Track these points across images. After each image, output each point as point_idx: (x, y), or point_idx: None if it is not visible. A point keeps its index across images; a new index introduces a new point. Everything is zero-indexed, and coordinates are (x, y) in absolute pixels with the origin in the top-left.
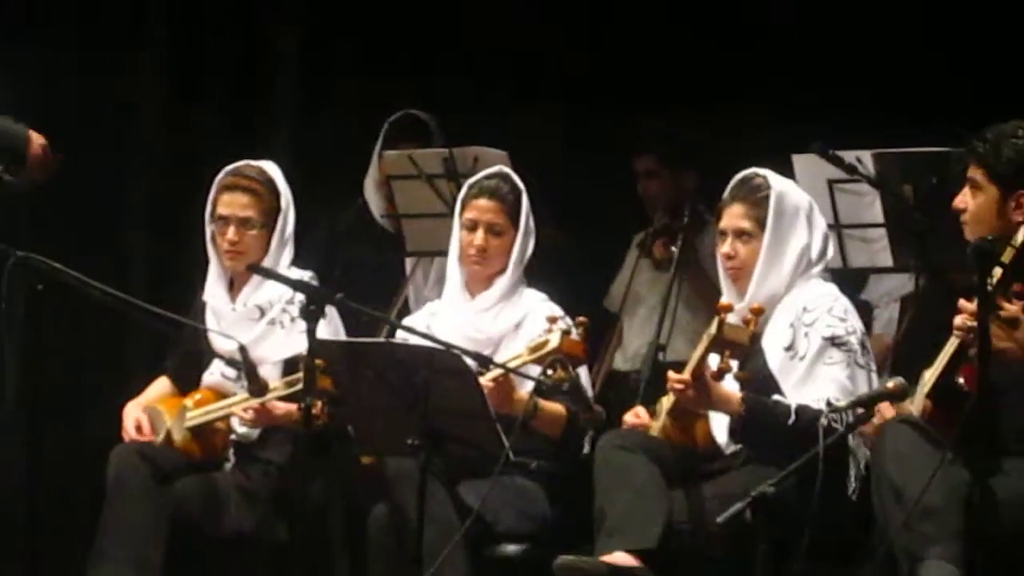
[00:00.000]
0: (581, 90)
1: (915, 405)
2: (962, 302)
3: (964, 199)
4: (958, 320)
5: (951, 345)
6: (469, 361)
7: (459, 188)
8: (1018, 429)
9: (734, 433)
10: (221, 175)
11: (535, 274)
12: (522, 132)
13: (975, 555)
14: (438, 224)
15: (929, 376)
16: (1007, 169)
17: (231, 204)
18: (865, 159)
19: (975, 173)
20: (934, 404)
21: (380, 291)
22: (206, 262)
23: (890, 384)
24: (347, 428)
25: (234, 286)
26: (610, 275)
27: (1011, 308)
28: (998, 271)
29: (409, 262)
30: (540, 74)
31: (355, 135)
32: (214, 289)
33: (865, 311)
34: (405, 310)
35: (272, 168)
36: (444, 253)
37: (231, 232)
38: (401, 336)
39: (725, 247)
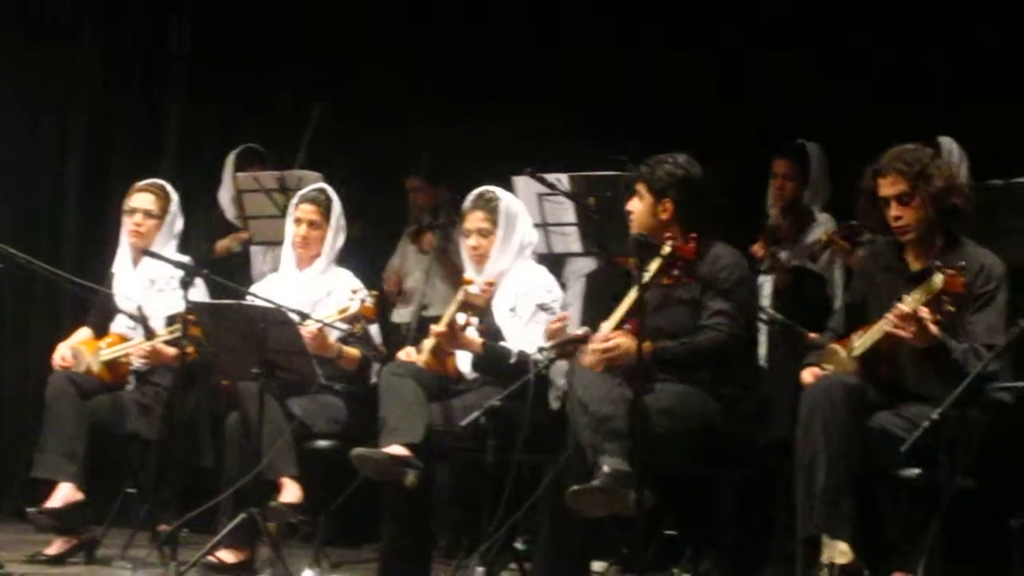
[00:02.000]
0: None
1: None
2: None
3: (633, 204)
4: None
5: (622, 307)
6: (293, 316)
7: (289, 198)
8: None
9: (475, 366)
10: (137, 184)
11: (343, 257)
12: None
13: (635, 447)
14: (274, 223)
15: (606, 326)
16: (658, 184)
17: (140, 200)
18: (563, 179)
19: (640, 186)
20: None
21: (230, 266)
22: (116, 248)
23: (579, 332)
24: (211, 361)
25: (135, 263)
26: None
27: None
28: (656, 262)
29: (255, 248)
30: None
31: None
32: (121, 265)
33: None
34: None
35: (168, 185)
36: (278, 243)
37: (137, 217)
38: (248, 299)
39: (471, 241)
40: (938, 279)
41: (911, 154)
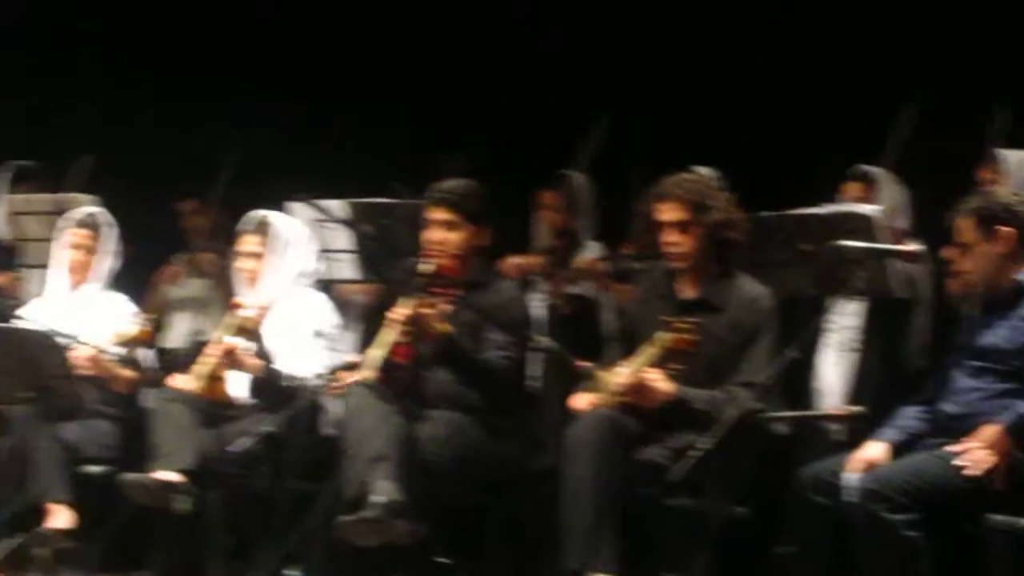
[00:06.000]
0: None
1: (368, 373)
2: (394, 310)
3: (439, 233)
4: (391, 316)
5: (390, 333)
6: (66, 339)
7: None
8: (437, 391)
9: (252, 389)
10: None
11: (116, 280)
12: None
13: (407, 475)
14: (47, 245)
15: (377, 354)
16: (475, 211)
17: None
18: (338, 206)
19: (450, 215)
20: (381, 373)
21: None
22: None
23: (353, 358)
24: None
25: None
26: None
27: (425, 309)
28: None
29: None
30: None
31: None
32: None
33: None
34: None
35: None
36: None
37: None
38: (18, 322)
39: (242, 263)
40: (667, 338)
41: (693, 183)
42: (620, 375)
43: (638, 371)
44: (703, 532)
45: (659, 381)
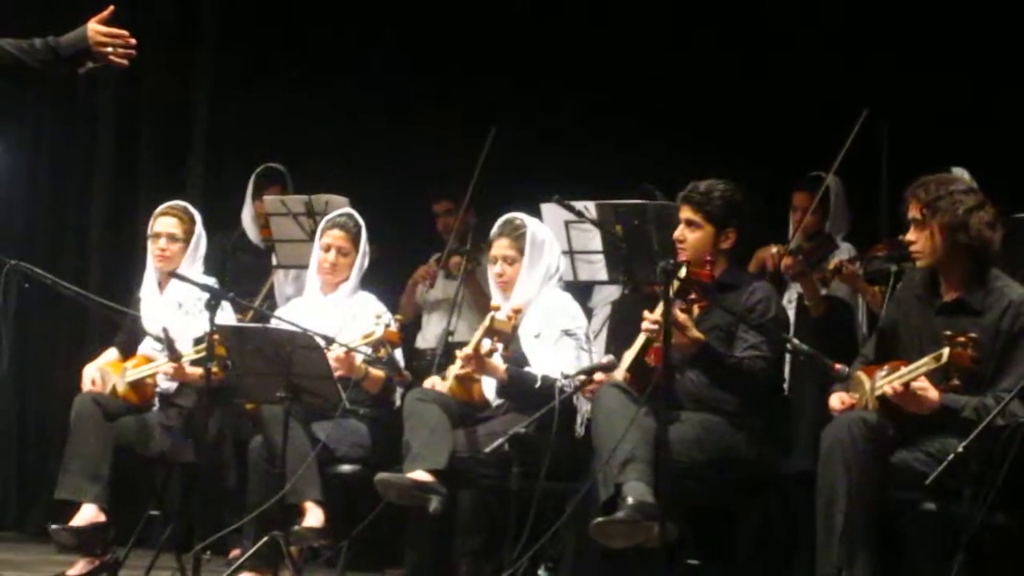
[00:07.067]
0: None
1: (619, 374)
2: (646, 312)
3: (684, 233)
4: (645, 322)
5: (643, 335)
6: (319, 340)
7: (315, 222)
8: (688, 392)
9: (500, 392)
10: (160, 208)
11: (367, 280)
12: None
13: (658, 476)
14: (300, 247)
15: (628, 355)
16: (720, 212)
17: (164, 224)
18: (590, 207)
19: (694, 215)
20: (631, 374)
21: (255, 287)
22: (142, 270)
23: (604, 360)
24: (236, 383)
25: (161, 286)
26: None
27: (680, 315)
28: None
29: (280, 272)
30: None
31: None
32: (148, 287)
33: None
34: (270, 298)
35: (191, 207)
36: (304, 266)
37: (162, 242)
38: (273, 322)
39: (496, 268)
40: (945, 353)
41: (935, 182)
42: (884, 380)
43: (908, 379)
44: (959, 538)
45: (929, 389)
